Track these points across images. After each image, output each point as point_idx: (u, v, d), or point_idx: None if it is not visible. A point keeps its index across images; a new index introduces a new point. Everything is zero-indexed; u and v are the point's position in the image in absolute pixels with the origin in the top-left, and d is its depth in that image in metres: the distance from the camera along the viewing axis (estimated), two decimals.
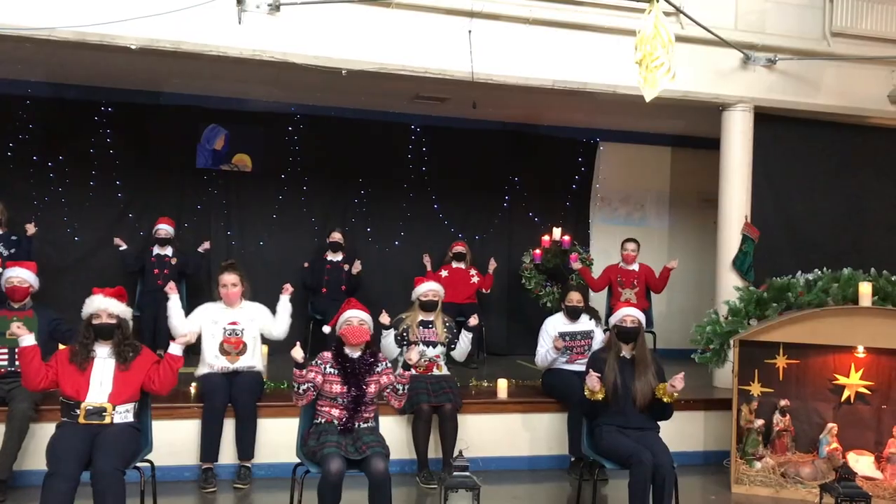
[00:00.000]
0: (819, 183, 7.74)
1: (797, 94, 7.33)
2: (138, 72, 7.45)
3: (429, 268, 8.43)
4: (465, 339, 5.95)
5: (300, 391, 4.36)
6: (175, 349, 4.44)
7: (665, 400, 4.73)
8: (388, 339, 5.78)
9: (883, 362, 5.78)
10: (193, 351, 5.52)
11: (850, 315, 5.66)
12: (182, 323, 5.58)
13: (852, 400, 5.82)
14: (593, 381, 4.66)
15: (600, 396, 4.69)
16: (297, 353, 4.36)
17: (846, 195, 7.86)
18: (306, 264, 8.25)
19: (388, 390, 4.54)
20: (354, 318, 4.59)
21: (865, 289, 5.66)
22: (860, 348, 5.78)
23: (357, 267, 8.05)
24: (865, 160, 7.87)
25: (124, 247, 7.71)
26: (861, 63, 7.44)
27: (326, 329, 4.97)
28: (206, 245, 7.92)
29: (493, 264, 8.47)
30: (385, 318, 5.68)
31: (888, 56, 7.47)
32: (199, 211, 8.55)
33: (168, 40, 5.94)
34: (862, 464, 5.67)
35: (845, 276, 5.84)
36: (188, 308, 5.90)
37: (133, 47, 5.91)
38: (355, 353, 4.55)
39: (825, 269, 6.06)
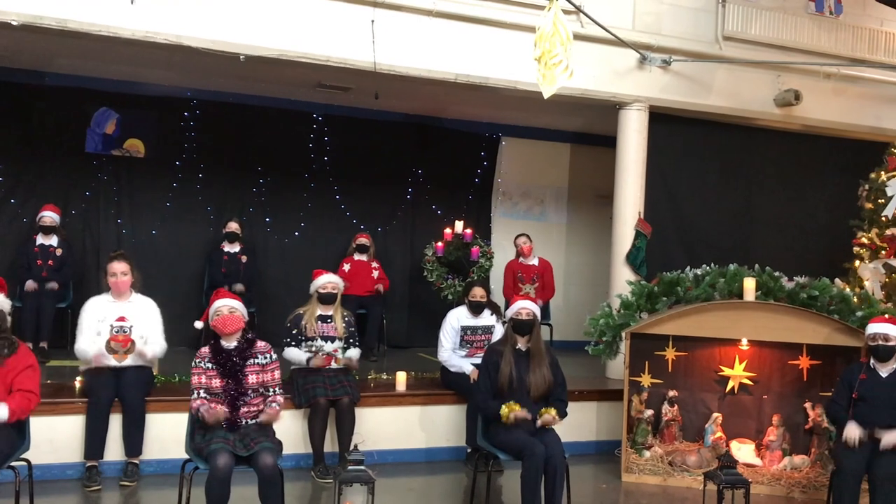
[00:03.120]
0: (709, 181, 8.05)
1: (690, 95, 7.58)
2: (22, 50, 7.05)
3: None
4: (354, 353, 5.90)
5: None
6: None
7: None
8: (291, 353, 5.70)
9: (765, 354, 6.05)
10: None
11: (734, 309, 5.90)
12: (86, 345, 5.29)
13: (736, 390, 6.07)
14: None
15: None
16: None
17: (735, 194, 8.21)
18: None
19: (269, 398, 4.42)
20: (224, 307, 4.44)
21: (749, 284, 5.90)
22: (744, 341, 6.02)
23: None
24: (753, 160, 8.23)
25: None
26: (750, 67, 7.75)
27: (198, 324, 4.78)
28: None
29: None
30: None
31: (774, 61, 7.82)
32: (88, 198, 8.17)
33: (53, 17, 5.66)
34: (744, 452, 5.93)
35: (731, 271, 6.07)
36: (75, 301, 5.63)
37: (14, 23, 5.60)
38: (231, 344, 4.43)
39: (713, 264, 6.28)
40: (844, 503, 4.63)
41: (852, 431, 4.75)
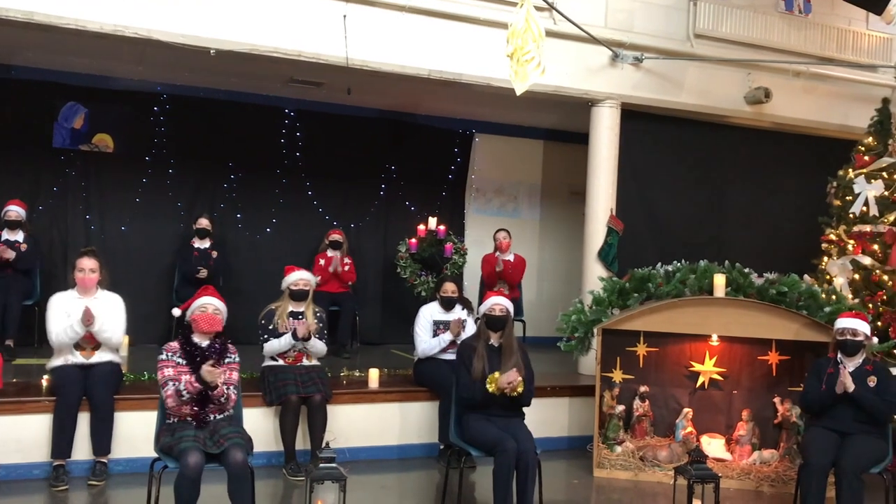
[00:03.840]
0: (681, 178, 8.10)
1: (662, 93, 7.62)
2: None
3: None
4: (311, 346, 5.78)
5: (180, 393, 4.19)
6: None
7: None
8: (272, 345, 5.66)
9: (735, 350, 6.10)
10: (46, 341, 5.24)
11: (705, 305, 5.94)
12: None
13: (706, 386, 6.12)
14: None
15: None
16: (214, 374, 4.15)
17: (705, 191, 8.27)
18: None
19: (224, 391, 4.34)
20: (209, 304, 4.41)
21: (720, 280, 5.96)
22: (714, 337, 6.07)
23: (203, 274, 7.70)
24: (724, 158, 8.29)
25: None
26: (721, 65, 7.81)
27: (176, 312, 4.71)
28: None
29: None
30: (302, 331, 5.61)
31: (745, 59, 7.88)
32: (56, 193, 8.05)
33: (19, 10, 5.56)
34: (714, 446, 5.98)
35: (701, 268, 6.12)
36: (43, 298, 5.54)
37: None
38: (204, 342, 4.39)
39: (684, 260, 6.33)
40: (811, 496, 4.69)
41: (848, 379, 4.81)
